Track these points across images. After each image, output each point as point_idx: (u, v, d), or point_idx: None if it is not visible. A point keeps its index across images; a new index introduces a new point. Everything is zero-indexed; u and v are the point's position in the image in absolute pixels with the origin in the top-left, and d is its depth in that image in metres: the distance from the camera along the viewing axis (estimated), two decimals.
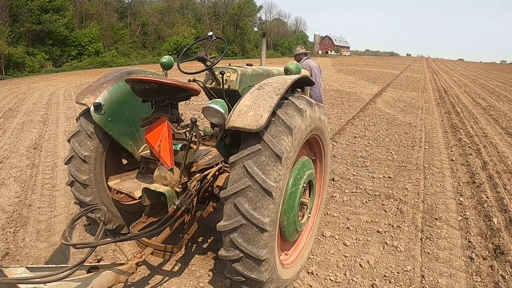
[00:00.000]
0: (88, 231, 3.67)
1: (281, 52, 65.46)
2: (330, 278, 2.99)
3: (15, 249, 3.34)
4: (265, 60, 4.26)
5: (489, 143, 7.46)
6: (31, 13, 27.90)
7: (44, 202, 4.36)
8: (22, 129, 8.18)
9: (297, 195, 2.55)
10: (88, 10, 36.63)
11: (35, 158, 6.08)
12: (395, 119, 9.76)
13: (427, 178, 5.35)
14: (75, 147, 3.02)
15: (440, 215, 4.13)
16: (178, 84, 2.63)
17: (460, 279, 3.02)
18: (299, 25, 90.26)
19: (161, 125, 2.74)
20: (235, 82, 3.22)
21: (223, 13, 54.32)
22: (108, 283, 2.31)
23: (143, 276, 2.96)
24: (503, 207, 4.28)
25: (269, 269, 2.30)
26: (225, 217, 2.22)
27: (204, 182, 2.96)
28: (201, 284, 2.88)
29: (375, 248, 3.45)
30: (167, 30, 44.91)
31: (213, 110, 2.25)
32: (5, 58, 23.57)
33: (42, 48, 29.05)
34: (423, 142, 7.46)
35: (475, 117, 10.51)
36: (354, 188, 4.89)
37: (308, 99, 2.56)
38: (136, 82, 2.72)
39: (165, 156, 2.76)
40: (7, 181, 4.98)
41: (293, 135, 2.23)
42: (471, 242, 3.57)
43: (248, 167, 2.12)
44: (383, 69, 34.00)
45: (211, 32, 3.29)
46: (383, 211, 4.22)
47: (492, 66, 70.58)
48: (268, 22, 74.26)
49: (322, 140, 3.02)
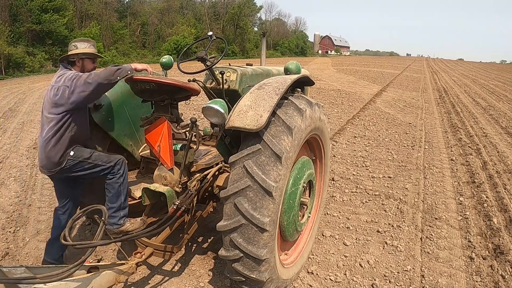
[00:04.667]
0: (88, 231, 3.67)
1: (281, 52, 65.42)
2: (330, 278, 2.99)
3: (15, 249, 3.34)
4: (265, 60, 4.25)
5: (489, 143, 7.46)
6: (31, 13, 27.87)
7: (44, 202, 4.36)
8: (22, 129, 8.17)
9: (297, 195, 2.55)
10: (88, 10, 36.59)
11: (35, 158, 6.07)
12: (395, 119, 9.76)
13: (427, 178, 5.35)
14: None
15: (440, 215, 4.13)
16: (178, 84, 2.63)
17: (460, 279, 3.02)
18: (299, 25, 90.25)
19: (161, 125, 2.75)
20: (235, 82, 3.22)
21: (223, 13, 54.29)
22: (108, 283, 2.31)
23: (143, 276, 2.96)
24: (503, 207, 4.28)
25: (269, 269, 2.30)
26: (225, 217, 2.23)
27: (204, 182, 2.96)
28: (201, 284, 2.88)
29: (375, 248, 3.45)
30: (167, 30, 44.88)
31: (213, 110, 2.25)
32: (5, 58, 23.54)
33: (42, 48, 29.01)
34: (423, 142, 7.46)
35: (475, 117, 10.51)
36: (354, 188, 4.89)
37: (308, 99, 2.57)
38: (136, 82, 2.72)
39: (165, 156, 2.76)
40: (7, 181, 4.98)
41: (293, 135, 2.23)
42: (471, 242, 3.57)
43: (248, 167, 2.12)
44: (383, 69, 34.00)
45: (211, 32, 3.29)
46: (383, 211, 4.22)
47: (492, 66, 70.59)
48: (268, 22, 74.25)
49: (322, 140, 3.02)
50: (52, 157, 2.56)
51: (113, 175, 2.75)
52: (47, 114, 2.59)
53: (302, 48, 76.25)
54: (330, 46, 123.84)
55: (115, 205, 2.77)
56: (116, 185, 2.75)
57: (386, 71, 30.97)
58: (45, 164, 2.60)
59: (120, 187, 2.77)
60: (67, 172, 2.65)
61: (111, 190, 2.76)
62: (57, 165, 2.58)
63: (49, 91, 2.63)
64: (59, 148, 2.57)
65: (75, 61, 2.75)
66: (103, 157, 2.75)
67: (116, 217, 2.78)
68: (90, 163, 2.68)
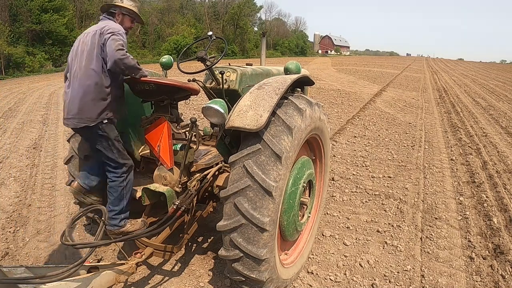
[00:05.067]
0: (88, 231, 3.67)
1: (281, 52, 65.41)
2: (330, 278, 2.99)
3: (15, 249, 3.34)
4: (265, 60, 4.25)
5: (489, 142, 7.46)
6: (31, 13, 27.86)
7: (44, 202, 4.36)
8: (22, 129, 8.17)
9: (297, 195, 2.55)
10: (88, 10, 36.57)
11: (35, 158, 6.08)
12: (395, 119, 9.76)
13: (427, 177, 5.35)
14: (75, 147, 3.02)
15: (440, 215, 4.13)
16: (177, 84, 2.63)
17: (460, 279, 3.02)
18: (299, 25, 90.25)
19: (161, 125, 2.75)
20: (235, 81, 3.22)
21: (223, 13, 54.26)
22: (108, 283, 2.31)
23: (143, 276, 2.96)
24: (503, 207, 4.28)
25: (269, 269, 2.30)
26: (225, 217, 2.22)
27: (204, 182, 2.96)
28: (201, 284, 2.88)
29: (375, 248, 3.45)
30: (167, 30, 44.87)
31: (212, 110, 2.25)
32: (5, 58, 23.54)
33: (42, 48, 28.99)
34: (423, 141, 7.46)
35: (475, 116, 10.51)
36: (354, 188, 4.89)
37: (308, 99, 2.56)
38: (136, 82, 2.73)
39: (165, 156, 2.76)
40: (7, 181, 4.98)
41: (293, 134, 2.23)
42: (471, 242, 3.57)
43: (248, 167, 2.12)
44: (383, 69, 33.99)
45: (210, 32, 3.29)
46: (383, 211, 4.22)
47: (492, 65, 70.58)
48: (268, 22, 74.24)
49: (322, 139, 3.02)
50: (88, 110, 2.51)
51: (118, 176, 2.73)
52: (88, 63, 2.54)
53: (302, 48, 76.26)
54: (330, 46, 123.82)
55: (117, 208, 2.77)
56: (120, 189, 2.75)
57: (386, 71, 30.97)
58: (76, 113, 2.53)
59: (123, 190, 2.76)
60: (89, 133, 2.61)
61: (114, 193, 2.75)
62: (88, 120, 2.52)
63: (91, 35, 2.57)
64: (99, 104, 2.52)
65: (115, 13, 2.72)
66: (122, 152, 2.73)
67: (117, 219, 2.78)
68: (110, 145, 2.65)
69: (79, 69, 2.57)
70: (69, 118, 2.59)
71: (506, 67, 59.61)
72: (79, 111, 2.54)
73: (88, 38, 2.59)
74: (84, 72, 2.54)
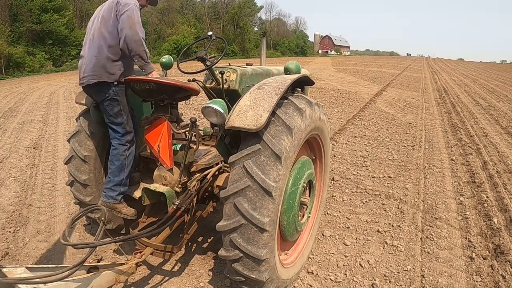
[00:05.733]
0: (88, 231, 3.67)
1: (281, 51, 65.42)
2: (330, 278, 2.99)
3: (15, 249, 3.34)
4: (265, 60, 4.25)
5: (489, 142, 7.45)
6: (31, 13, 27.89)
7: (44, 202, 4.36)
8: (22, 129, 8.18)
9: (297, 195, 2.55)
10: (88, 10, 36.55)
11: (35, 158, 6.08)
12: (395, 119, 9.76)
13: (427, 177, 5.35)
14: (75, 147, 3.02)
15: (440, 215, 4.12)
16: (178, 84, 2.63)
17: (460, 279, 3.02)
18: (299, 25, 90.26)
19: (160, 125, 2.74)
20: (235, 81, 3.22)
21: (223, 13, 54.29)
22: (108, 283, 2.31)
23: (143, 276, 2.96)
24: (503, 207, 4.28)
25: (269, 269, 2.30)
26: (225, 217, 2.22)
27: (204, 182, 2.96)
28: (201, 284, 2.88)
29: (375, 248, 3.45)
30: (167, 30, 44.91)
31: (212, 110, 2.25)
32: (5, 58, 23.57)
33: (42, 48, 29.03)
34: (423, 141, 7.45)
35: (475, 116, 10.50)
36: (354, 188, 4.89)
37: (308, 99, 2.56)
38: (136, 82, 2.73)
39: (165, 156, 2.75)
40: (7, 181, 4.98)
41: (292, 134, 2.22)
42: (471, 242, 3.56)
43: (248, 167, 2.12)
44: (383, 69, 33.98)
45: (211, 32, 3.29)
46: (383, 211, 4.22)
47: (492, 65, 70.54)
48: (268, 22, 74.26)
49: (322, 139, 3.02)
50: (102, 66, 2.63)
51: (122, 144, 2.75)
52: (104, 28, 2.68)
53: (302, 48, 76.28)
54: (330, 46, 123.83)
55: (117, 179, 2.76)
56: (122, 157, 2.74)
57: (386, 71, 30.96)
58: (91, 70, 2.65)
59: (125, 160, 2.76)
60: (102, 93, 2.69)
61: (116, 161, 2.74)
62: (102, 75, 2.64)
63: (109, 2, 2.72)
64: (113, 64, 2.66)
65: None
66: (130, 120, 2.83)
67: (116, 191, 2.76)
68: (121, 110, 2.75)
69: (95, 33, 2.73)
70: (84, 76, 2.71)
71: (507, 67, 59.57)
72: (93, 68, 2.67)
73: (106, 6, 2.77)
74: (99, 34, 2.69)
